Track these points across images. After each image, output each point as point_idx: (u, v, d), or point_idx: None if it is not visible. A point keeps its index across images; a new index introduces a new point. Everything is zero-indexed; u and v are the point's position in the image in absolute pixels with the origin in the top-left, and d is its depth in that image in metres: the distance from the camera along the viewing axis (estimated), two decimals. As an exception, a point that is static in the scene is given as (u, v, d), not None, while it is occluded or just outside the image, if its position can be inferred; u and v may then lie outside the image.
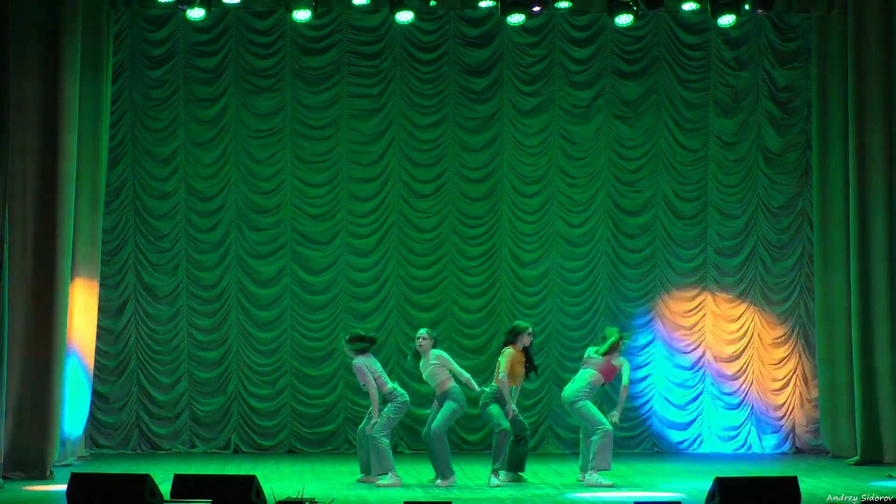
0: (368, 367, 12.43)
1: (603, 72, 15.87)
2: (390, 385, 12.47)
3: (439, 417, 12.40)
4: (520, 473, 12.80)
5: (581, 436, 12.88)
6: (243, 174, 15.59)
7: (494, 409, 12.55)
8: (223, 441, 15.46)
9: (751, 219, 15.96)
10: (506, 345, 12.83)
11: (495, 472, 12.46)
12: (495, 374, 12.75)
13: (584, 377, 12.69)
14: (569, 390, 12.68)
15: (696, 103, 15.95)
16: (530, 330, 12.86)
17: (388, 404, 12.42)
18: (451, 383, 12.46)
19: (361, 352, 12.51)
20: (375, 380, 12.40)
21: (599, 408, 13.13)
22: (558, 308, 15.80)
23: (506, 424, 12.46)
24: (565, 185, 15.87)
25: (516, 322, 13.39)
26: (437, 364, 12.47)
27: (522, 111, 15.83)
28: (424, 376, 12.67)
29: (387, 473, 12.33)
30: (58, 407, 13.07)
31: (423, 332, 12.69)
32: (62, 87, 13.12)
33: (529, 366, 12.87)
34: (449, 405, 12.41)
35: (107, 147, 14.52)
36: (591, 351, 12.89)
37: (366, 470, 12.60)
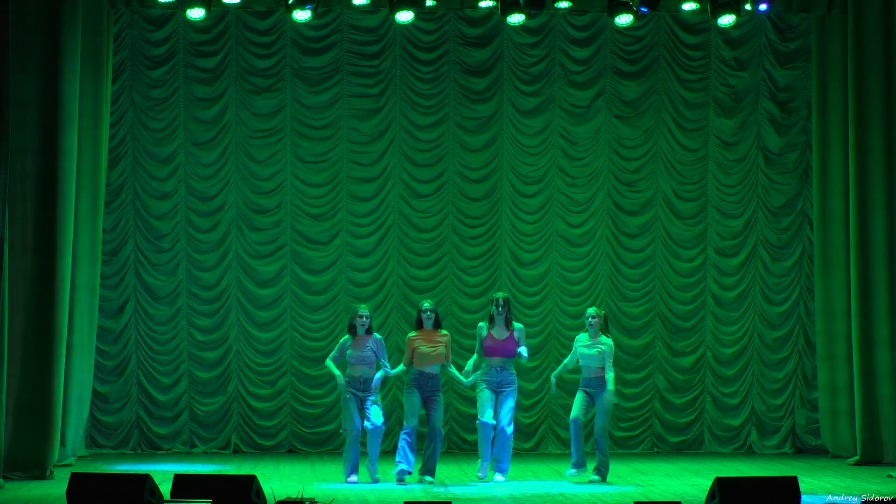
0: None
1: (603, 72, 15.87)
2: None
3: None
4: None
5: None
6: (243, 174, 15.60)
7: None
8: (223, 441, 15.47)
9: (751, 219, 15.96)
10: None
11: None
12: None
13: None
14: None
15: (696, 103, 15.96)
16: (422, 307, 12.64)
17: None
18: None
19: None
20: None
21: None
22: (558, 308, 15.80)
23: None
24: (565, 185, 15.87)
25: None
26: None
27: (522, 111, 15.83)
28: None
29: None
30: (58, 407, 13.07)
31: (592, 311, 12.74)
32: (62, 86, 13.11)
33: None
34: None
35: (107, 147, 14.53)
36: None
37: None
